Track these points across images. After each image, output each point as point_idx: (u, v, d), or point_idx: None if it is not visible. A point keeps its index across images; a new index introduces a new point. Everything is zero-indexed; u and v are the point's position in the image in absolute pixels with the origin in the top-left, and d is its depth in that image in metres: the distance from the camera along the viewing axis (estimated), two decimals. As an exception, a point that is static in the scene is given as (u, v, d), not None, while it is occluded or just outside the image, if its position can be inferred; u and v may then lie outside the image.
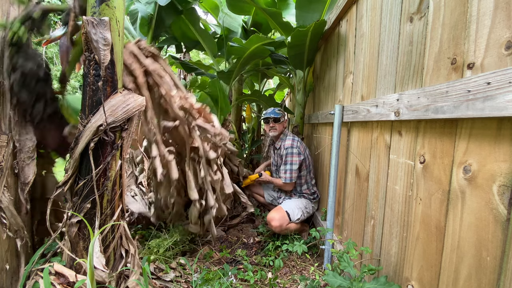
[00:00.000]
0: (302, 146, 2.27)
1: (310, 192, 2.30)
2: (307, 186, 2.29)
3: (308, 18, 2.29)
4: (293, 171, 2.17)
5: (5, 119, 1.29)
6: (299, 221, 2.14)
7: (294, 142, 2.24)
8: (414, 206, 0.94)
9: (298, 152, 2.18)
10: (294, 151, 2.18)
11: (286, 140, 2.27)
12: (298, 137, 2.35)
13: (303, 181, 2.27)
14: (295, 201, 2.23)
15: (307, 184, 2.29)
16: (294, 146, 2.20)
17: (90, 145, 1.18)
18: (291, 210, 2.13)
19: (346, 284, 0.98)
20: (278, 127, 2.34)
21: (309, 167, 2.29)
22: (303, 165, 2.23)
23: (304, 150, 2.26)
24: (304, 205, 2.22)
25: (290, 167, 2.18)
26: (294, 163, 2.17)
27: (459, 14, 0.75)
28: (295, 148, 2.19)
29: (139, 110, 1.28)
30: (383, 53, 1.19)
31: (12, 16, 1.28)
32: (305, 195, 2.29)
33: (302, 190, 2.29)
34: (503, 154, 0.62)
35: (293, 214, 2.11)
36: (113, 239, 1.30)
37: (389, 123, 1.12)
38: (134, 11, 3.12)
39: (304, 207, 2.21)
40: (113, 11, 1.24)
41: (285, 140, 2.29)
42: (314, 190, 2.32)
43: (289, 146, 2.20)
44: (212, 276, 1.63)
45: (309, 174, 2.28)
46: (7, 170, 1.27)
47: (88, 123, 1.19)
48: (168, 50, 4.92)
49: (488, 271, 0.65)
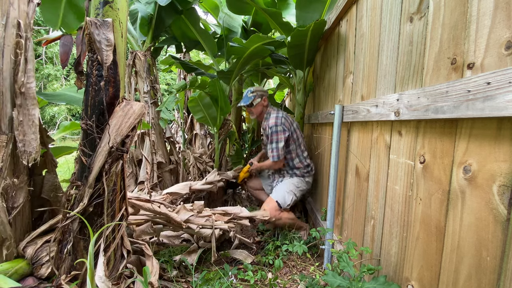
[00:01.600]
0: (287, 121, 2.22)
1: (303, 165, 2.26)
2: (299, 159, 2.25)
3: (308, 18, 2.29)
4: (280, 149, 2.15)
5: (5, 119, 1.29)
6: (292, 203, 2.15)
7: (277, 119, 2.19)
8: (414, 206, 0.94)
9: (282, 129, 2.15)
10: (278, 129, 2.15)
11: (270, 119, 2.23)
12: (282, 112, 2.29)
13: (294, 155, 2.25)
14: (286, 184, 2.21)
15: (299, 157, 2.25)
16: (278, 123, 2.17)
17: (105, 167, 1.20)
18: (281, 197, 2.12)
19: (346, 284, 0.98)
20: (255, 110, 2.31)
21: (299, 140, 2.26)
22: (290, 140, 2.21)
23: (290, 125, 2.22)
24: (295, 185, 2.21)
25: (276, 145, 2.15)
26: (279, 141, 2.15)
27: (459, 14, 0.75)
28: (279, 125, 2.16)
29: (140, 117, 1.28)
30: (383, 53, 1.19)
31: (12, 16, 1.28)
32: (297, 171, 2.27)
33: (294, 164, 2.26)
34: (503, 154, 0.62)
35: (283, 201, 2.10)
36: (113, 240, 1.30)
37: (389, 123, 1.12)
38: (134, 11, 3.12)
39: (295, 188, 2.20)
40: (116, 13, 1.24)
41: (269, 119, 2.24)
42: (307, 163, 2.28)
43: (273, 125, 2.17)
44: (212, 276, 1.64)
45: (299, 147, 2.25)
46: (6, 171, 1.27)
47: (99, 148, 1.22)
48: (168, 50, 4.92)
49: (488, 271, 0.65)
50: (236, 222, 1.91)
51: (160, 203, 1.72)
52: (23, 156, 1.30)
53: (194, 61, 3.25)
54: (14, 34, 1.29)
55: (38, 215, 1.50)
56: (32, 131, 1.33)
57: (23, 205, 1.35)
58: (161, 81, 13.21)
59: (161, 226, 1.72)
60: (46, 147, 1.49)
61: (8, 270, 1.25)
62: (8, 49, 1.28)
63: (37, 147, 1.34)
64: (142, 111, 1.30)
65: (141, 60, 3.02)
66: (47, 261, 1.30)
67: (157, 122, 3.12)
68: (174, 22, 2.97)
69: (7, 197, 1.30)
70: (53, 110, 10.48)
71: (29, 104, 1.33)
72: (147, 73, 3.05)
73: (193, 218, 1.76)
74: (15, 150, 1.31)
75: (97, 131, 1.22)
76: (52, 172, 1.54)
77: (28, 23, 1.34)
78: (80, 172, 1.24)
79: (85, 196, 1.19)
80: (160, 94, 3.22)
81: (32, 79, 1.33)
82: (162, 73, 12.79)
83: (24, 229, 1.40)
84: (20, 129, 1.30)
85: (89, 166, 1.20)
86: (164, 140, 3.27)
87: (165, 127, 3.19)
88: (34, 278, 1.30)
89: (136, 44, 3.06)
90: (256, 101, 2.29)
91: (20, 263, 1.30)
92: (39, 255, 1.32)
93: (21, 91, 1.30)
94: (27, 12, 1.35)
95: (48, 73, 10.66)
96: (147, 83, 3.06)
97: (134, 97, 3.26)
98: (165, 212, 1.64)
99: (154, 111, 3.11)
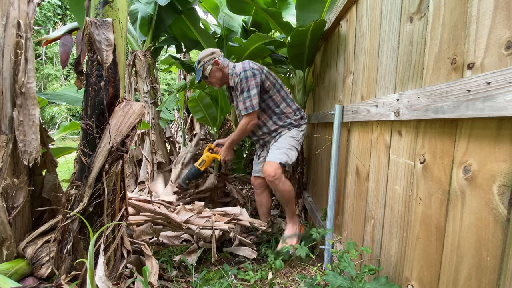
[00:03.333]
0: (256, 65, 1.89)
1: (292, 110, 1.96)
2: (285, 103, 1.94)
3: (308, 18, 2.29)
4: (253, 97, 1.79)
5: (5, 119, 1.29)
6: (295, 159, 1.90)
7: (245, 64, 1.85)
8: (414, 206, 0.94)
9: (253, 74, 1.80)
10: (248, 74, 1.79)
11: (236, 69, 1.86)
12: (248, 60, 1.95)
13: (278, 100, 1.93)
14: (285, 140, 1.89)
15: (285, 101, 1.94)
16: (246, 68, 1.82)
17: (105, 167, 1.20)
18: (284, 156, 1.82)
19: (347, 284, 0.98)
20: (213, 79, 1.97)
21: (277, 83, 1.94)
22: (267, 84, 1.88)
23: (260, 68, 1.89)
24: (294, 138, 1.92)
25: (247, 93, 1.79)
26: (251, 88, 1.79)
27: (459, 14, 0.75)
28: (248, 70, 1.81)
29: (140, 117, 1.29)
30: (383, 53, 1.19)
31: (12, 16, 1.28)
32: (292, 120, 1.94)
33: (282, 109, 1.95)
34: (503, 154, 0.62)
35: (287, 159, 1.83)
36: (113, 240, 1.30)
37: (389, 123, 1.13)
38: (134, 11, 3.13)
39: (295, 141, 1.91)
40: (116, 13, 1.24)
41: (235, 69, 1.88)
42: (296, 106, 2.00)
43: (241, 71, 1.81)
44: (212, 276, 1.64)
45: (281, 89, 1.94)
46: (6, 171, 1.27)
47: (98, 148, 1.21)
48: (168, 50, 4.93)
49: (488, 271, 0.65)
50: (236, 223, 1.91)
51: (160, 203, 1.72)
52: (23, 156, 1.30)
53: (194, 61, 3.25)
54: (14, 34, 1.29)
55: (39, 215, 1.51)
56: (32, 131, 1.33)
57: (23, 205, 1.35)
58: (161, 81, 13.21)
59: (161, 226, 1.72)
60: (46, 147, 1.49)
61: (8, 270, 1.25)
62: (8, 49, 1.28)
63: (38, 147, 1.34)
64: (142, 111, 1.30)
65: (141, 60, 3.03)
66: (47, 261, 1.30)
67: (157, 122, 3.12)
68: (174, 22, 2.97)
69: (7, 197, 1.30)
70: (53, 110, 10.48)
71: (29, 104, 1.33)
72: (147, 73, 3.05)
73: (193, 218, 1.76)
74: (15, 150, 1.31)
75: (97, 131, 1.22)
76: (53, 172, 1.54)
77: (28, 23, 1.34)
78: (80, 172, 1.25)
79: (85, 196, 1.20)
80: (160, 94, 3.23)
81: (32, 79, 1.33)
82: (162, 73, 12.79)
83: (24, 229, 1.40)
84: (20, 129, 1.30)
85: (89, 166, 1.20)
86: (164, 140, 3.28)
87: (165, 127, 3.19)
88: (34, 278, 1.30)
89: (136, 44, 3.06)
90: (207, 70, 1.95)
91: (20, 263, 1.30)
92: (39, 255, 1.32)
93: (22, 91, 1.30)
94: (27, 12, 1.35)
95: (48, 73, 10.66)
96: (147, 83, 3.06)
97: (134, 97, 3.26)
98: (165, 213, 1.64)
99: (154, 111, 3.11)
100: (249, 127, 1.89)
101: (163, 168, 3.20)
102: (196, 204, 1.92)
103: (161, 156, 3.16)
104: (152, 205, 1.63)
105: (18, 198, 1.33)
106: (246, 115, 1.84)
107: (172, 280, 1.58)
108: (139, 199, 1.64)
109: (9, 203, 1.30)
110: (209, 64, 1.95)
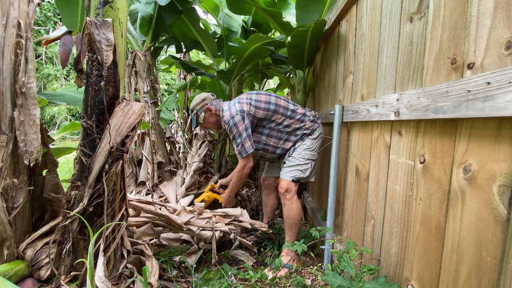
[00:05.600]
0: (244, 103, 1.83)
1: (297, 120, 1.87)
2: (288, 118, 1.86)
3: (308, 18, 2.30)
4: (244, 141, 1.79)
5: (5, 119, 1.29)
6: (314, 171, 1.88)
7: (231, 109, 1.82)
8: (414, 206, 0.94)
9: (241, 118, 1.78)
10: (236, 120, 1.78)
11: (224, 116, 1.86)
12: (236, 99, 1.89)
13: (280, 119, 1.85)
14: (298, 155, 1.83)
15: (286, 116, 1.86)
16: (233, 114, 1.79)
17: (105, 167, 1.20)
18: (295, 172, 1.79)
19: (346, 284, 0.98)
20: (209, 125, 2.02)
21: (270, 106, 1.84)
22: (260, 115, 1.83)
23: (248, 104, 1.82)
24: (309, 148, 1.85)
25: (240, 139, 1.79)
26: (242, 132, 1.78)
27: (459, 14, 0.75)
28: (236, 116, 1.78)
29: (140, 117, 1.29)
30: (383, 53, 1.19)
31: (12, 16, 1.28)
32: (299, 131, 1.87)
33: (289, 125, 1.87)
34: (503, 154, 0.62)
35: (299, 174, 1.80)
36: (113, 240, 1.30)
37: (389, 123, 1.13)
38: (134, 11, 3.13)
39: (311, 153, 1.84)
40: (117, 13, 1.24)
41: (224, 113, 1.88)
42: (301, 111, 1.89)
43: (229, 118, 1.80)
44: (212, 276, 1.64)
45: (278, 107, 1.85)
46: (6, 171, 1.27)
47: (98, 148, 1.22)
48: (168, 50, 4.93)
49: (488, 271, 0.65)
50: (236, 224, 1.91)
51: (161, 205, 1.72)
52: (25, 156, 1.30)
53: (194, 61, 3.25)
54: (14, 34, 1.29)
55: (39, 215, 1.51)
56: (33, 131, 1.33)
57: (23, 205, 1.35)
58: (161, 81, 13.21)
59: (161, 228, 1.72)
60: (47, 147, 1.49)
61: (7, 271, 1.24)
62: (8, 49, 1.28)
63: (39, 147, 1.34)
64: (142, 111, 1.30)
65: (141, 60, 3.03)
66: (46, 263, 1.30)
67: (157, 122, 3.12)
68: (174, 22, 2.97)
69: (7, 197, 1.30)
70: (53, 110, 10.48)
71: (30, 104, 1.33)
72: (147, 73, 3.05)
73: (193, 220, 1.76)
74: (15, 150, 1.31)
75: (97, 131, 1.22)
76: (53, 172, 1.54)
77: (28, 23, 1.34)
78: (80, 172, 1.25)
79: (85, 196, 1.20)
80: (160, 94, 3.23)
81: (32, 79, 1.33)
82: (162, 73, 12.79)
83: (24, 229, 1.40)
84: (21, 129, 1.30)
85: (89, 166, 1.20)
86: (164, 140, 3.28)
87: (165, 127, 3.19)
88: (34, 280, 1.29)
89: (136, 44, 3.06)
90: (201, 117, 2.00)
91: (20, 265, 1.30)
92: (39, 257, 1.32)
93: (22, 91, 1.30)
94: (27, 12, 1.35)
95: (48, 73, 10.66)
96: (147, 83, 3.06)
97: (134, 97, 3.26)
98: (166, 214, 1.64)
99: (154, 111, 3.11)
100: (245, 171, 1.89)
101: (163, 168, 3.20)
102: (197, 205, 1.91)
103: (161, 156, 3.16)
104: (153, 207, 1.63)
105: (18, 198, 1.33)
106: (242, 159, 1.86)
107: (172, 280, 1.58)
108: (140, 200, 1.64)
109: (9, 203, 1.30)
110: (201, 112, 1.99)
